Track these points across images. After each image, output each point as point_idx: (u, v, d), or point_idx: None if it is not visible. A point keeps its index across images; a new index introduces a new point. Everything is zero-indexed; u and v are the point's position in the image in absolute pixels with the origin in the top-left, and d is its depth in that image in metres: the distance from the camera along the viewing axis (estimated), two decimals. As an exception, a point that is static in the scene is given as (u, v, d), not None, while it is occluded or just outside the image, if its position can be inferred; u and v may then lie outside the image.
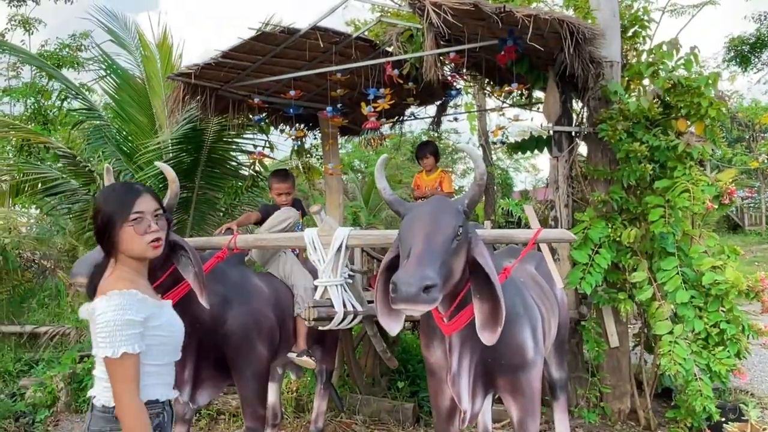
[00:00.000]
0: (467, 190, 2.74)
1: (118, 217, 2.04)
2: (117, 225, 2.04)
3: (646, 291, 4.40)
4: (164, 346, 2.07)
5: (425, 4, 3.80)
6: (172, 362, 2.16)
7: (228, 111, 5.59)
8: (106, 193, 2.17)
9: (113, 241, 2.05)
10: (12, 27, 13.94)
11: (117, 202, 2.06)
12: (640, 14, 5.14)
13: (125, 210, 2.04)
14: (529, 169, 21.26)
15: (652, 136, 4.47)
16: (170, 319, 2.11)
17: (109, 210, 2.05)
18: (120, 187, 2.21)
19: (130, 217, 2.04)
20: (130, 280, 2.03)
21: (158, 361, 2.06)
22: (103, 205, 2.07)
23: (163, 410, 2.09)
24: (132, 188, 2.15)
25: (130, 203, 2.05)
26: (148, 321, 1.99)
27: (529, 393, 3.04)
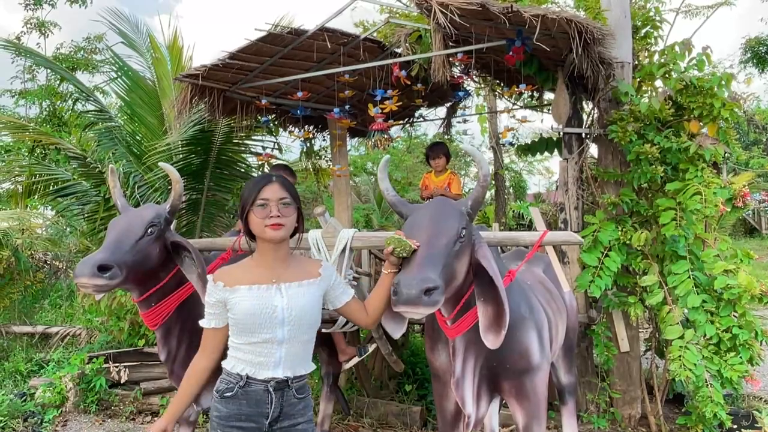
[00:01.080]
0: (471, 192, 2.70)
1: (247, 204, 2.33)
2: (246, 210, 2.34)
3: (657, 295, 4.33)
4: (236, 326, 2.32)
5: (432, 5, 3.77)
6: (255, 342, 2.30)
7: (236, 112, 5.59)
8: (247, 183, 2.46)
9: (246, 224, 2.37)
10: (28, 30, 14.08)
11: (248, 190, 2.36)
12: (651, 14, 5.06)
13: (252, 197, 2.32)
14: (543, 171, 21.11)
15: (664, 138, 4.40)
16: (240, 302, 2.30)
17: (243, 197, 2.37)
18: (256, 177, 2.50)
19: (256, 202, 2.31)
20: (231, 266, 2.43)
21: (236, 339, 2.35)
22: (241, 193, 2.40)
23: (235, 383, 2.31)
24: (264, 177, 2.42)
25: (257, 191, 2.32)
26: (225, 304, 2.33)
27: (534, 398, 3.00)
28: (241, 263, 2.43)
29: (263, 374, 2.32)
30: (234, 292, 2.32)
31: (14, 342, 7.96)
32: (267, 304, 2.31)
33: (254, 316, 2.28)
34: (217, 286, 2.35)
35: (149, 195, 6.35)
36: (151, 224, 3.19)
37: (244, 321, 2.29)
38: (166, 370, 3.57)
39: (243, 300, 2.30)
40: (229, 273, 2.39)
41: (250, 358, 2.32)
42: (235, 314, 2.31)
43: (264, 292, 2.33)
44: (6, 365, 7.04)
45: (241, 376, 2.32)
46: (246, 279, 2.35)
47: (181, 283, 3.34)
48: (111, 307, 6.64)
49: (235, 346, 2.35)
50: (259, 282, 2.34)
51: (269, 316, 2.30)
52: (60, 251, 8.86)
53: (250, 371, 2.32)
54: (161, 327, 3.38)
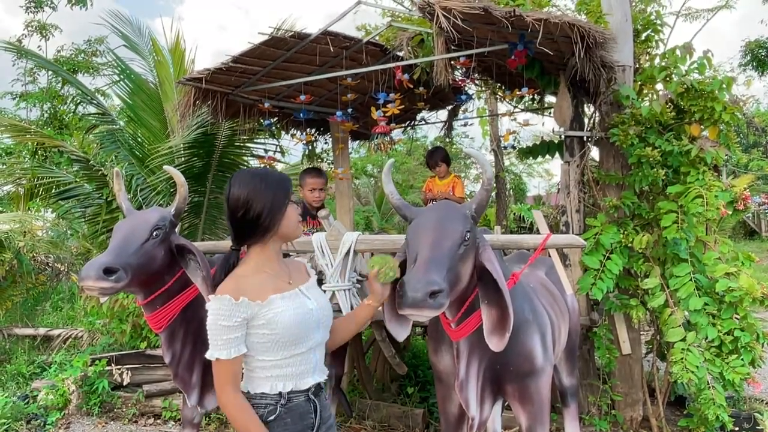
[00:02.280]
0: (475, 195, 2.72)
1: (286, 201, 2.16)
2: (283, 208, 2.15)
3: (659, 297, 4.34)
4: (274, 343, 2.08)
5: (435, 9, 3.79)
6: (297, 354, 2.14)
7: (239, 115, 5.61)
8: (266, 177, 2.17)
9: (271, 226, 2.14)
10: (29, 33, 14.11)
11: (283, 187, 2.18)
12: (652, 18, 5.09)
13: (290, 193, 2.19)
14: (543, 174, 21.15)
15: (665, 141, 4.42)
16: (277, 315, 2.08)
17: (278, 195, 2.14)
18: (272, 174, 2.23)
19: (292, 199, 2.20)
20: (245, 278, 2.11)
21: (271, 356, 2.10)
22: (264, 192, 2.12)
23: (276, 403, 2.11)
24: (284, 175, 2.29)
25: (290, 188, 2.21)
26: (252, 321, 2.05)
27: (537, 400, 3.01)
28: (243, 273, 2.15)
29: (305, 384, 2.18)
30: (268, 306, 2.08)
31: (16, 344, 7.98)
32: (305, 310, 2.18)
33: (299, 325, 2.13)
34: (241, 303, 2.04)
35: (152, 198, 6.37)
36: (156, 227, 3.21)
37: (289, 334, 2.10)
38: (171, 372, 3.59)
39: (284, 311, 2.10)
40: (246, 285, 2.10)
41: (290, 371, 2.15)
42: (274, 329, 2.08)
43: (296, 298, 2.18)
44: (8, 367, 7.05)
45: (282, 393, 2.13)
46: (269, 288, 2.13)
47: (185, 286, 3.35)
48: (113, 310, 6.65)
49: (272, 364, 2.12)
50: (282, 289, 2.17)
51: (309, 322, 2.18)
52: (62, 254, 8.87)
53: (292, 385, 2.15)
54: (166, 330, 3.40)
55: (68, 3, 14.00)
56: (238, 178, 2.15)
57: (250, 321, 2.05)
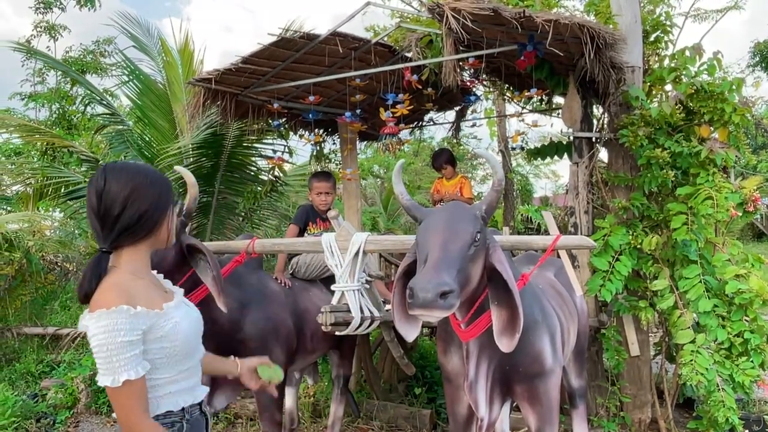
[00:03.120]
0: (485, 196, 2.72)
1: (170, 202, 1.94)
2: (168, 211, 1.93)
3: (668, 299, 4.33)
4: (173, 356, 1.84)
5: (444, 10, 3.80)
6: (191, 366, 1.94)
7: (248, 116, 5.63)
8: (151, 174, 1.92)
9: (152, 229, 1.89)
10: (38, 33, 14.18)
11: (167, 185, 1.95)
12: (662, 19, 5.08)
13: (172, 193, 1.97)
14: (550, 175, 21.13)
15: (675, 143, 4.41)
16: (176, 324, 1.85)
17: (163, 193, 1.91)
18: (155, 172, 1.98)
19: (173, 206, 1.98)
20: (126, 287, 1.78)
21: (168, 373, 1.85)
22: (149, 188, 1.87)
23: (181, 419, 1.90)
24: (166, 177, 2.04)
25: (172, 187, 2.01)
26: (149, 334, 1.78)
27: (547, 401, 3.01)
28: (122, 280, 1.81)
29: (199, 396, 1.99)
30: (165, 315, 1.83)
31: (25, 343, 8.01)
32: (193, 318, 2.00)
33: (194, 335, 1.96)
34: (140, 312, 1.74)
35: (161, 198, 6.38)
36: (166, 227, 3.22)
37: (185, 345, 1.87)
38: (180, 371, 3.59)
39: (180, 321, 1.87)
40: (135, 293, 1.79)
41: (185, 385, 1.93)
42: (174, 341, 1.83)
43: (182, 307, 1.96)
44: (18, 366, 7.09)
45: (184, 409, 1.92)
46: (155, 295, 1.87)
47: (195, 286, 3.37)
48: (122, 309, 6.66)
49: (168, 380, 1.86)
50: (167, 297, 1.93)
51: (198, 332, 2.00)
52: (70, 253, 8.92)
53: (192, 399, 1.95)
54: (176, 329, 3.41)
55: (77, 4, 14.07)
56: (118, 172, 1.84)
57: (147, 334, 1.77)
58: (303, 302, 4.13)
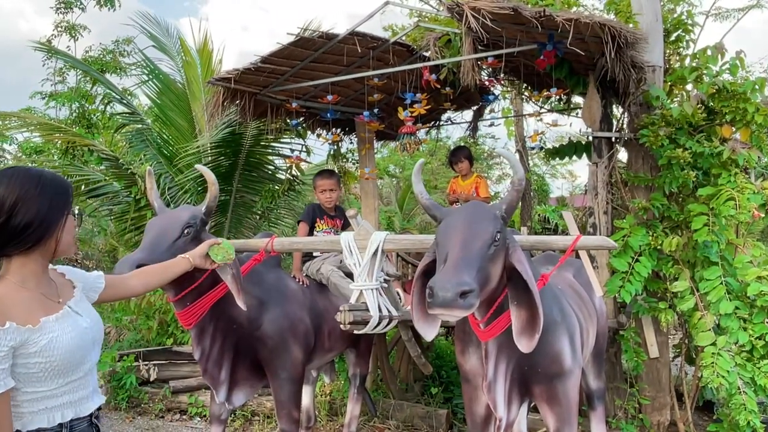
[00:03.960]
0: (505, 195, 2.71)
1: (64, 211, 1.85)
2: (61, 220, 1.84)
3: (688, 301, 4.29)
4: (50, 371, 1.78)
5: (464, 9, 3.79)
6: (76, 379, 1.86)
7: (266, 115, 5.66)
8: (43, 180, 1.83)
9: (41, 239, 1.80)
10: (58, 33, 14.31)
11: (63, 194, 1.86)
12: (683, 18, 5.03)
13: (69, 202, 1.86)
14: (566, 175, 20.95)
15: (696, 143, 4.37)
16: (52, 339, 1.77)
17: (56, 203, 1.83)
18: (51, 179, 1.88)
19: (70, 209, 1.87)
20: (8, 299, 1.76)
21: (43, 387, 1.79)
22: (38, 198, 1.79)
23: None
24: (66, 181, 1.95)
25: (70, 196, 1.89)
26: (21, 349, 1.72)
27: (565, 402, 3.00)
28: (2, 293, 1.77)
29: (86, 409, 1.91)
30: (40, 330, 1.76)
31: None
32: (80, 330, 1.88)
33: (77, 349, 1.84)
34: (8, 329, 1.70)
35: (180, 196, 6.44)
36: (187, 225, 3.26)
37: (65, 360, 1.80)
38: (200, 368, 3.63)
39: (60, 335, 1.80)
40: (10, 307, 1.74)
41: (68, 398, 1.85)
42: (50, 357, 1.77)
43: (68, 318, 1.87)
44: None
45: (62, 424, 1.84)
46: (38, 309, 1.81)
47: (215, 284, 3.39)
48: (140, 307, 6.75)
49: (45, 394, 1.80)
50: (52, 309, 1.85)
51: (86, 343, 1.89)
52: (90, 250, 9.01)
53: (72, 413, 1.86)
54: (196, 326, 3.45)
55: (96, 4, 14.19)
56: (8, 178, 1.78)
57: (18, 349, 1.72)
58: (321, 301, 4.14)
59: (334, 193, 4.72)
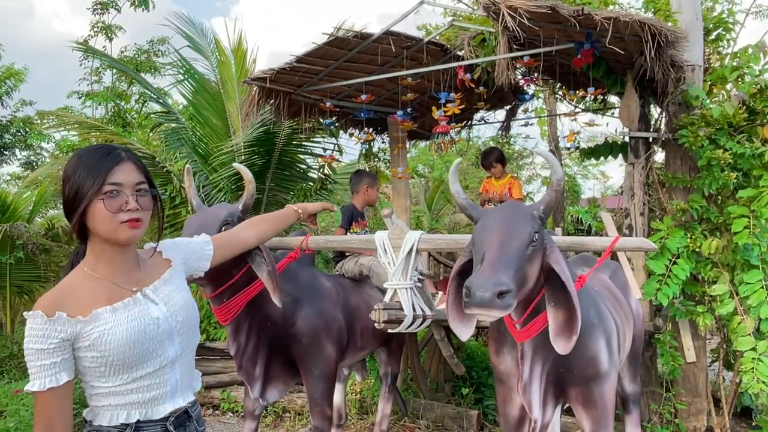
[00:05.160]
0: (543, 195, 2.69)
1: (90, 189, 1.65)
2: (87, 198, 1.65)
3: (728, 305, 4.21)
4: (108, 366, 1.66)
5: (500, 8, 3.77)
6: (143, 376, 1.71)
7: (299, 114, 5.70)
8: (78, 158, 1.70)
9: (81, 219, 1.68)
10: (95, 33, 14.59)
11: (90, 169, 1.66)
12: (724, 16, 4.93)
13: (97, 181, 1.65)
14: (598, 176, 20.68)
15: (736, 143, 4.28)
16: (103, 333, 1.65)
17: (80, 179, 1.66)
18: (95, 150, 1.73)
19: (103, 189, 1.66)
20: (70, 288, 1.69)
21: (108, 383, 1.68)
22: (72, 173, 1.67)
23: None
24: (111, 153, 1.72)
25: (105, 172, 1.66)
26: (76, 341, 1.64)
27: (602, 405, 2.97)
28: (69, 281, 1.71)
29: (159, 412, 1.75)
30: (92, 322, 1.65)
31: (81, 333, 8.30)
32: (146, 321, 1.73)
33: (138, 342, 1.69)
34: (57, 319, 1.61)
35: (214, 195, 6.53)
36: (225, 222, 3.30)
37: (124, 354, 1.66)
38: (235, 364, 3.67)
39: (113, 328, 1.67)
40: (68, 297, 1.66)
41: (136, 398, 1.71)
42: (104, 350, 1.64)
43: (134, 307, 1.73)
44: (75, 355, 7.35)
45: (127, 424, 1.70)
46: (99, 298, 1.70)
47: (251, 281, 3.43)
48: (174, 303, 6.83)
49: (108, 390, 1.68)
50: (117, 297, 1.72)
51: (154, 336, 1.73)
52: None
53: (140, 414, 1.72)
54: (232, 322, 3.49)
55: (131, 5, 14.43)
56: (72, 155, 1.72)
57: (75, 342, 1.63)
58: (354, 299, 4.16)
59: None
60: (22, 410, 4.79)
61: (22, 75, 14.47)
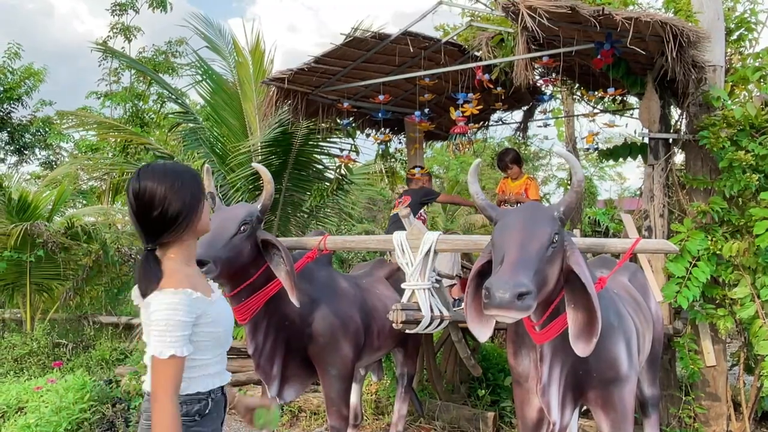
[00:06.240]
0: (564, 197, 2.68)
1: (202, 197, 2.02)
2: (200, 206, 2.00)
3: (749, 308, 4.16)
4: (213, 341, 2.00)
5: (519, 8, 3.76)
6: (223, 351, 2.09)
7: (317, 115, 5.72)
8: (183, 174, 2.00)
9: (189, 224, 1.97)
10: (114, 35, 14.75)
11: (197, 182, 2.03)
12: (746, 16, 4.87)
13: (203, 187, 2.06)
14: (615, 177, 20.52)
15: (758, 145, 4.23)
16: (219, 313, 2.01)
17: (195, 191, 1.99)
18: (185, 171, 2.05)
19: (206, 194, 2.12)
20: (185, 273, 1.95)
21: (206, 355, 1.99)
22: (182, 188, 1.96)
23: (207, 398, 2.00)
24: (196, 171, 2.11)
25: (202, 181, 2.08)
26: (201, 318, 1.91)
27: (621, 408, 2.94)
28: (179, 268, 1.96)
29: (225, 379, 2.12)
30: (214, 303, 2.00)
31: (100, 331, 8.39)
32: (230, 310, 2.16)
33: (232, 324, 2.13)
34: (198, 298, 1.91)
35: (231, 194, 6.56)
36: (244, 222, 3.32)
37: (226, 332, 2.06)
38: (253, 362, 3.69)
39: (225, 309, 2.08)
40: (192, 281, 1.97)
41: (218, 368, 2.07)
42: (218, 327, 2.00)
43: (221, 297, 2.13)
44: (93, 353, 7.42)
45: (213, 390, 2.04)
46: (204, 284, 2.06)
47: (269, 280, 3.45)
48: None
49: (206, 362, 2.00)
50: (209, 285, 2.10)
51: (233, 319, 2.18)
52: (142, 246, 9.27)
53: (219, 381, 2.08)
54: (250, 321, 3.51)
55: (149, 6, 14.57)
56: (151, 174, 1.95)
57: (198, 318, 1.91)
58: (371, 299, 4.16)
59: None
60: (42, 407, 4.85)
61: (41, 75, 14.64)
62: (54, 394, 5.02)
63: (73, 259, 8.07)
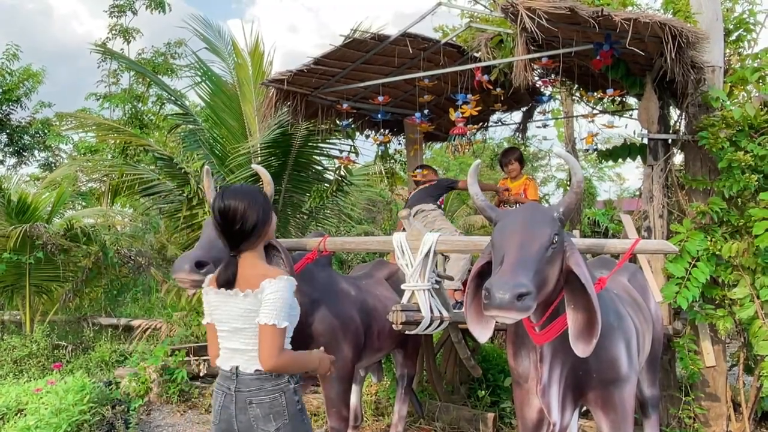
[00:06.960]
0: (563, 197, 2.68)
1: (271, 211, 2.53)
2: (270, 218, 2.51)
3: (748, 309, 4.16)
4: (293, 324, 2.47)
5: (519, 9, 3.76)
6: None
7: (316, 116, 5.72)
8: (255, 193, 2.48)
9: (264, 233, 2.47)
10: (113, 36, 14.74)
11: (267, 200, 2.53)
12: (745, 17, 4.88)
13: (271, 203, 2.57)
14: (614, 178, 20.56)
15: (757, 145, 4.23)
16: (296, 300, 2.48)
17: (266, 207, 2.47)
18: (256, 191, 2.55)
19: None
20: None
21: (288, 334, 2.45)
22: (256, 205, 2.41)
23: None
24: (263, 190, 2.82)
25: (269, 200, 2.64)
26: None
27: (621, 409, 2.95)
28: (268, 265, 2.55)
29: None
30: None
31: (99, 333, 8.39)
32: None
33: None
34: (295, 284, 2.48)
35: (231, 196, 6.55)
36: (243, 223, 3.31)
37: (295, 318, 2.52)
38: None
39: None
40: None
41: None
42: (294, 313, 2.47)
43: None
44: (93, 354, 7.42)
45: None
46: None
47: (269, 281, 3.43)
48: (191, 303, 6.89)
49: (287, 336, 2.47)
50: None
51: None
52: (142, 248, 9.28)
53: None
54: (250, 323, 3.49)
55: (147, 7, 14.55)
56: (232, 195, 2.40)
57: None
58: (371, 300, 4.16)
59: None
60: (42, 408, 4.84)
61: (39, 76, 14.62)
62: (53, 395, 5.02)
63: (72, 261, 8.08)
